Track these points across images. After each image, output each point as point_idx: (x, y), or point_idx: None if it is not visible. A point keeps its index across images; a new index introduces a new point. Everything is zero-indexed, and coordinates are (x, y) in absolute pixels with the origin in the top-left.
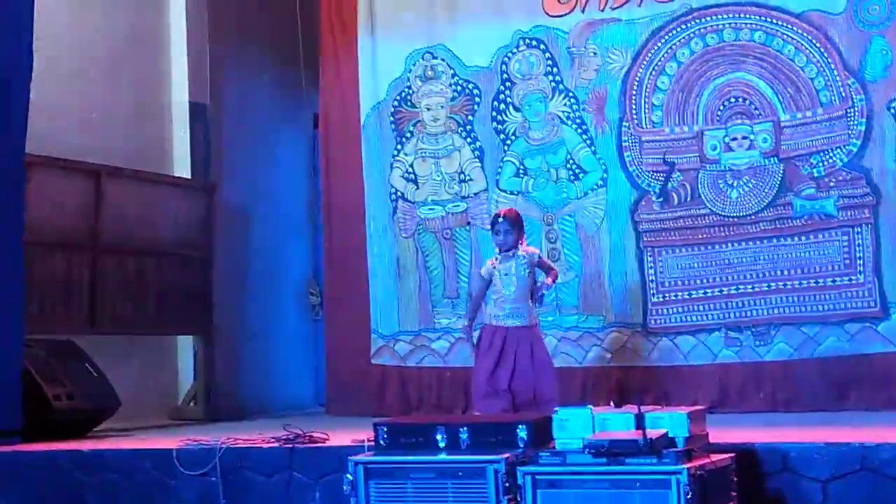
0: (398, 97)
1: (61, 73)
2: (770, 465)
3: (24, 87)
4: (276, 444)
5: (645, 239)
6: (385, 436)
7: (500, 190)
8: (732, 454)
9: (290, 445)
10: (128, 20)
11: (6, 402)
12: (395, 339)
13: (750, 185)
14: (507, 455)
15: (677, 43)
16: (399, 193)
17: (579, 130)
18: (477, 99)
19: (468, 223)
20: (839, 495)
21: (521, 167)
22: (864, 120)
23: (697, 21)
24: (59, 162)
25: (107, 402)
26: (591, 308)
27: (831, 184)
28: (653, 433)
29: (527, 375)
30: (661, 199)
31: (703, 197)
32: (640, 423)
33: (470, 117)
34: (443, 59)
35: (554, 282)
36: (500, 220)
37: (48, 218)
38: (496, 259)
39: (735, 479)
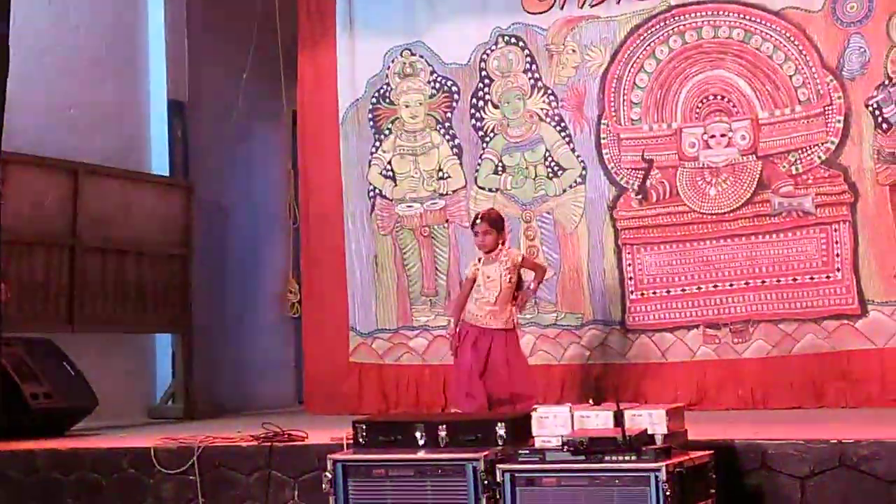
0: (376, 94)
1: (40, 71)
2: (748, 462)
3: (0, 86)
4: (254, 443)
5: (623, 236)
6: (364, 434)
7: (478, 187)
8: (711, 451)
9: (269, 444)
10: (107, 18)
11: None
12: (373, 336)
13: (728, 182)
14: (486, 453)
15: (656, 40)
16: (377, 191)
17: (558, 128)
18: (455, 96)
19: (446, 220)
20: (817, 492)
21: (500, 164)
22: (841, 118)
23: (676, 18)
24: (37, 160)
25: (84, 401)
26: (569, 305)
27: (809, 181)
28: (631, 430)
29: (501, 375)
30: (639, 197)
31: (681, 194)
32: (618, 420)
33: (448, 114)
34: (421, 56)
35: (539, 283)
36: (479, 221)
37: (26, 216)
38: (479, 261)
39: (714, 475)
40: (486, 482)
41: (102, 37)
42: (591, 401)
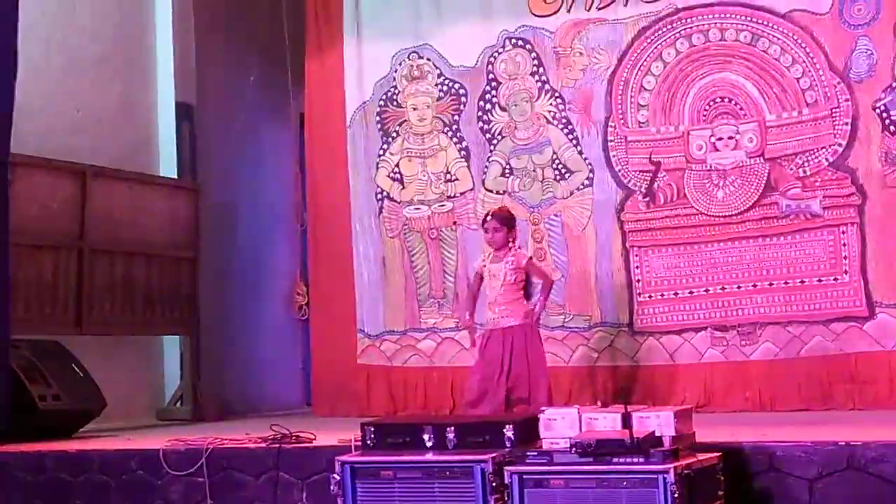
0: (384, 97)
1: (48, 74)
2: (756, 465)
3: (8, 88)
4: (262, 444)
5: (631, 238)
6: (372, 436)
7: (486, 190)
8: (719, 453)
9: (277, 445)
10: (114, 20)
11: None
12: (381, 338)
13: (736, 184)
14: (494, 454)
15: (663, 43)
16: (385, 193)
17: (565, 130)
18: (463, 99)
19: (454, 223)
20: (825, 494)
21: (507, 167)
22: (849, 120)
23: (683, 21)
24: (45, 162)
25: (93, 403)
26: (577, 307)
27: (817, 183)
28: (639, 432)
29: (522, 375)
30: (647, 199)
31: (689, 197)
32: (626, 422)
33: (456, 117)
34: (429, 59)
35: (546, 298)
36: (489, 218)
37: (34, 218)
38: (487, 256)
39: (722, 478)
40: (494, 484)
41: (110, 38)
42: (599, 403)
